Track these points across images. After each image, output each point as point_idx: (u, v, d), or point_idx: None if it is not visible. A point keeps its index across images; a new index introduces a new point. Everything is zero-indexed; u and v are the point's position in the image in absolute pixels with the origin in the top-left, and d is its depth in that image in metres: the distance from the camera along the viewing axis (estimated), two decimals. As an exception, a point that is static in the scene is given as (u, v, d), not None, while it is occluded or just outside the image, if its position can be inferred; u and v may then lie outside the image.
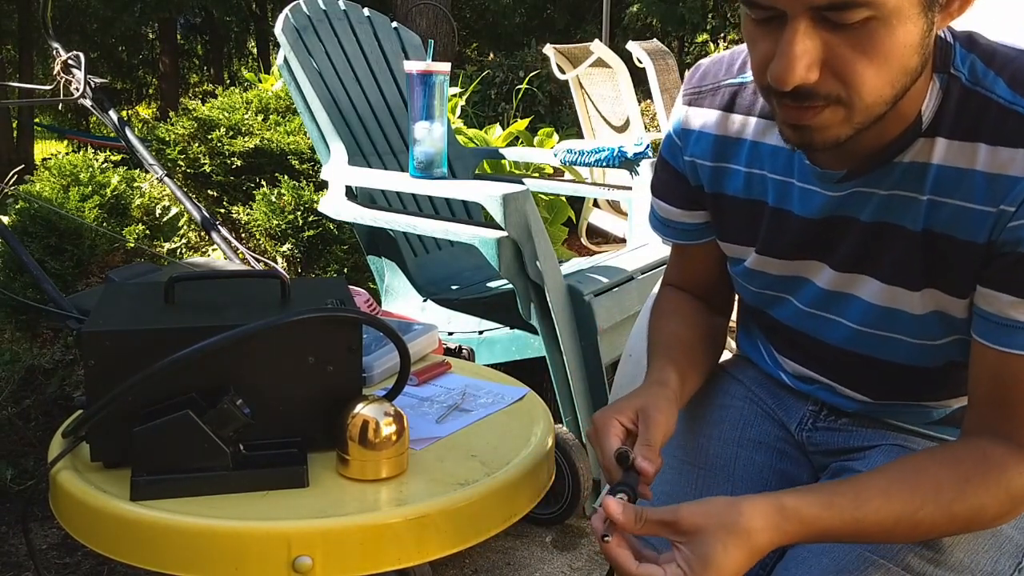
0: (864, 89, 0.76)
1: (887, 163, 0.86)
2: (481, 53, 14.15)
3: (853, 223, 0.91)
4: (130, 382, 0.89)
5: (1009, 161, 0.79)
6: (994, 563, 0.89)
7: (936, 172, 0.83)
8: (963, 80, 0.82)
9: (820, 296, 0.97)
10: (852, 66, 0.75)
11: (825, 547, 0.91)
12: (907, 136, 0.84)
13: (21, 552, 1.94)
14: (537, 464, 1.04)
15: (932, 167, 0.84)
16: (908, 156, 0.85)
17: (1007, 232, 0.80)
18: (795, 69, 0.74)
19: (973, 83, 0.82)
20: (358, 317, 0.99)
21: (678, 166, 1.07)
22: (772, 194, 0.97)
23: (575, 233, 4.50)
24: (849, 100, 0.77)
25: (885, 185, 0.87)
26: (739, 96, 1.00)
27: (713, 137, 1.02)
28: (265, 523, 0.87)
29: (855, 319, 0.95)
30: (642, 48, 4.81)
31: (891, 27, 0.73)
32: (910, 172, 0.85)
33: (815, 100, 0.77)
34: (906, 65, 0.76)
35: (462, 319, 2.23)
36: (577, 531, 2.08)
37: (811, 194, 0.93)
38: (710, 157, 1.03)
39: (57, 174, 3.01)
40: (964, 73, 0.82)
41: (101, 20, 11.32)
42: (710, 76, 1.04)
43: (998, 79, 0.81)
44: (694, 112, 1.04)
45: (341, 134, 2.32)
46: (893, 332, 0.93)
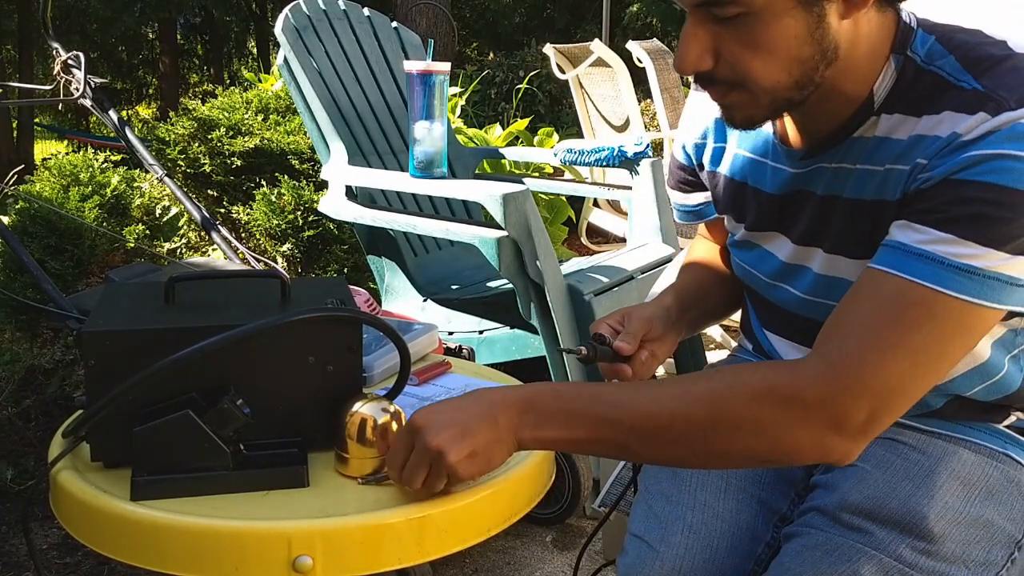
0: (756, 77, 0.82)
1: (842, 141, 0.90)
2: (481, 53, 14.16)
3: (810, 197, 0.96)
4: (130, 382, 0.89)
5: (937, 124, 0.82)
6: (986, 553, 0.89)
7: (876, 143, 0.88)
8: (918, 60, 0.86)
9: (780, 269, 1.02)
10: (738, 57, 0.81)
11: (818, 540, 0.91)
12: (860, 115, 0.88)
13: (21, 552, 1.94)
14: (537, 464, 1.04)
15: (875, 139, 0.88)
16: (859, 132, 0.89)
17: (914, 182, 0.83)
18: (686, 57, 0.83)
19: (927, 63, 0.85)
20: (358, 317, 0.99)
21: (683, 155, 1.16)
22: (752, 174, 1.04)
23: (575, 233, 4.49)
24: (745, 86, 0.83)
25: (836, 159, 0.92)
26: None
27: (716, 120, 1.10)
28: (265, 523, 0.87)
29: (802, 288, 1.00)
30: (642, 48, 4.80)
31: (766, 23, 0.79)
32: (855, 146, 0.90)
33: (716, 84, 0.85)
34: (797, 56, 0.81)
35: (462, 319, 2.23)
36: (577, 531, 2.08)
37: (779, 172, 0.99)
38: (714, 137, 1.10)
39: (57, 174, 3.01)
40: (919, 54, 0.86)
41: (101, 20, 11.32)
42: None
43: (950, 57, 0.84)
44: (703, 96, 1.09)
45: (341, 134, 2.32)
46: (828, 298, 0.95)
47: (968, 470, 0.94)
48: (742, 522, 1.02)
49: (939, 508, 0.90)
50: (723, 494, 1.04)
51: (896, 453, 0.97)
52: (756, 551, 1.01)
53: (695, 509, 1.02)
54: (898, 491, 0.92)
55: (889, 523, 0.90)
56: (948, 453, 0.96)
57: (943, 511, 0.90)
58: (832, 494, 0.95)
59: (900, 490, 0.92)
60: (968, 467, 0.94)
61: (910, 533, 0.89)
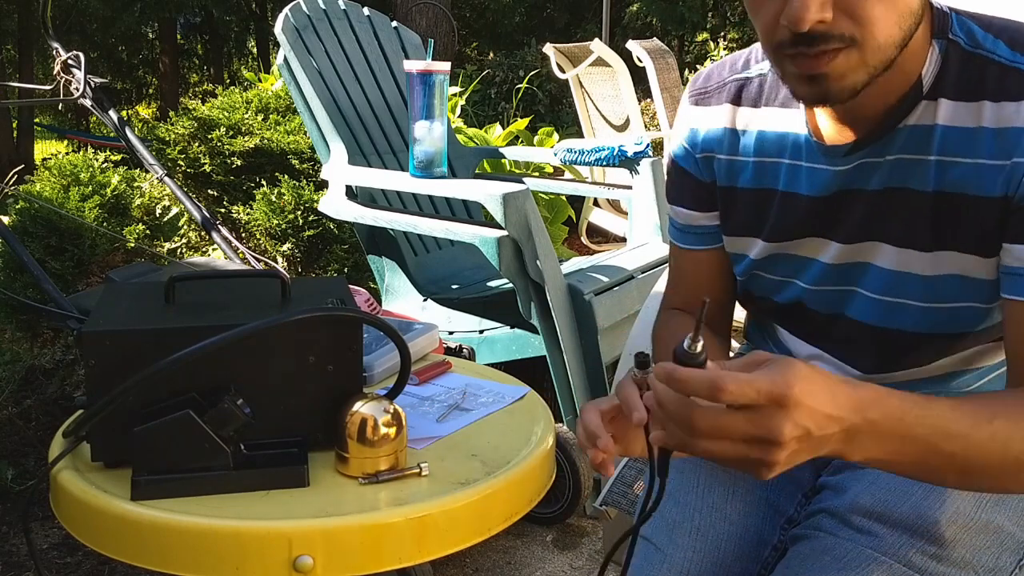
0: (876, 27, 0.78)
1: (891, 129, 0.88)
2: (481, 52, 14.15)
3: (860, 194, 0.92)
4: (131, 382, 0.89)
5: (1014, 114, 0.81)
6: (996, 559, 0.89)
7: (942, 133, 0.86)
8: (962, 44, 0.85)
9: (828, 272, 0.98)
10: (862, 3, 0.78)
11: (827, 544, 0.91)
12: (909, 100, 0.87)
13: (22, 552, 1.94)
14: (538, 463, 1.04)
15: (938, 128, 0.86)
16: (912, 119, 0.87)
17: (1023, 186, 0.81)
18: (810, 5, 0.76)
19: (973, 47, 0.85)
20: (358, 316, 0.99)
21: (690, 167, 1.08)
22: (783, 179, 0.99)
23: (575, 232, 4.50)
24: (863, 40, 0.79)
25: (891, 151, 0.89)
26: (745, 89, 1.02)
27: (724, 130, 1.04)
28: (266, 523, 0.87)
29: (871, 287, 0.96)
30: (642, 47, 4.80)
31: None
32: (915, 135, 0.87)
33: (830, 42, 0.79)
34: (909, 3, 0.80)
35: (462, 318, 2.23)
36: (578, 530, 2.08)
37: (819, 172, 0.95)
38: (725, 150, 1.05)
39: (57, 174, 3.01)
40: (962, 38, 0.85)
41: (101, 20, 11.32)
42: (715, 76, 1.06)
43: (998, 41, 0.84)
44: (702, 111, 1.05)
45: (341, 133, 2.32)
46: (903, 297, 0.93)
47: None
48: (750, 525, 1.02)
49: (950, 513, 0.90)
50: (731, 496, 1.03)
51: None
52: (763, 554, 1.01)
53: (702, 511, 1.01)
54: (909, 495, 0.92)
55: (899, 527, 0.89)
56: None
57: (954, 516, 0.90)
58: (842, 496, 0.95)
59: (911, 494, 0.92)
60: None
61: (920, 537, 0.88)
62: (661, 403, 0.68)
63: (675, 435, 0.68)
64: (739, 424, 0.65)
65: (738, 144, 1.03)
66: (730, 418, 0.65)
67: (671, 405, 0.67)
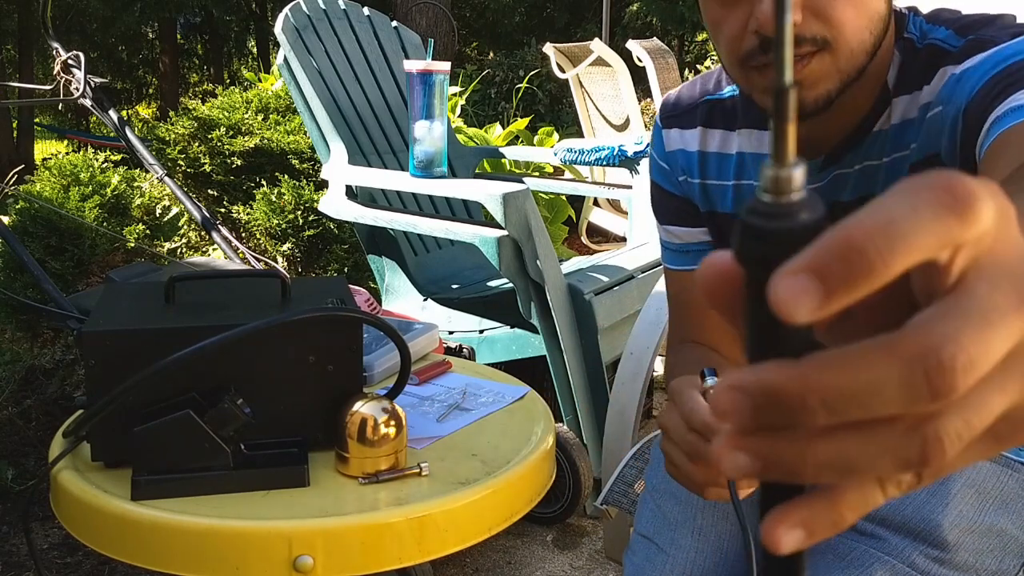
0: (847, 29, 0.78)
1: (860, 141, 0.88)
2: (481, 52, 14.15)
3: (837, 206, 0.92)
4: (131, 382, 0.89)
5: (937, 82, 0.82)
6: (999, 563, 0.89)
7: (894, 132, 0.86)
8: (915, 40, 0.86)
9: None
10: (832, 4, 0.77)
11: (831, 544, 0.91)
12: (878, 107, 0.87)
13: (22, 552, 1.94)
14: (538, 463, 1.04)
15: (891, 129, 0.86)
16: (877, 126, 0.87)
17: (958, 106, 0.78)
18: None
19: (922, 39, 0.86)
20: (358, 316, 0.99)
21: (673, 188, 1.07)
22: None
23: (575, 232, 4.50)
24: (834, 41, 0.78)
25: (858, 160, 0.89)
26: (716, 111, 1.01)
27: (697, 154, 1.02)
28: (266, 522, 0.87)
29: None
30: (642, 47, 4.80)
31: None
32: (876, 140, 0.88)
33: (801, 46, 0.78)
34: (878, 8, 0.79)
35: (462, 318, 2.23)
36: (578, 530, 2.08)
37: None
38: (696, 174, 1.03)
39: (57, 174, 3.01)
40: (915, 35, 0.86)
41: (101, 20, 11.31)
42: (685, 98, 1.04)
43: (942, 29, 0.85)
44: (675, 134, 1.04)
45: (341, 133, 2.32)
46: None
47: (983, 478, 0.94)
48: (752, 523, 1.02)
49: (953, 516, 0.90)
50: None
51: None
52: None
53: (705, 510, 1.01)
54: (913, 498, 0.92)
55: (903, 530, 0.89)
56: None
57: (957, 519, 0.90)
58: None
59: (915, 497, 0.92)
60: (984, 475, 0.94)
61: (924, 540, 0.88)
62: (833, 392, 0.28)
63: (889, 449, 0.29)
64: (1006, 304, 0.26)
65: (712, 167, 1.01)
66: (987, 303, 0.26)
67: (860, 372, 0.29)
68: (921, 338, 0.25)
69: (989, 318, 0.26)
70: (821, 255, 0.26)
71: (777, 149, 0.28)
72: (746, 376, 0.27)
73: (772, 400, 0.26)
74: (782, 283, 0.26)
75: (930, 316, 0.26)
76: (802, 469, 0.28)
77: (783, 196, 0.28)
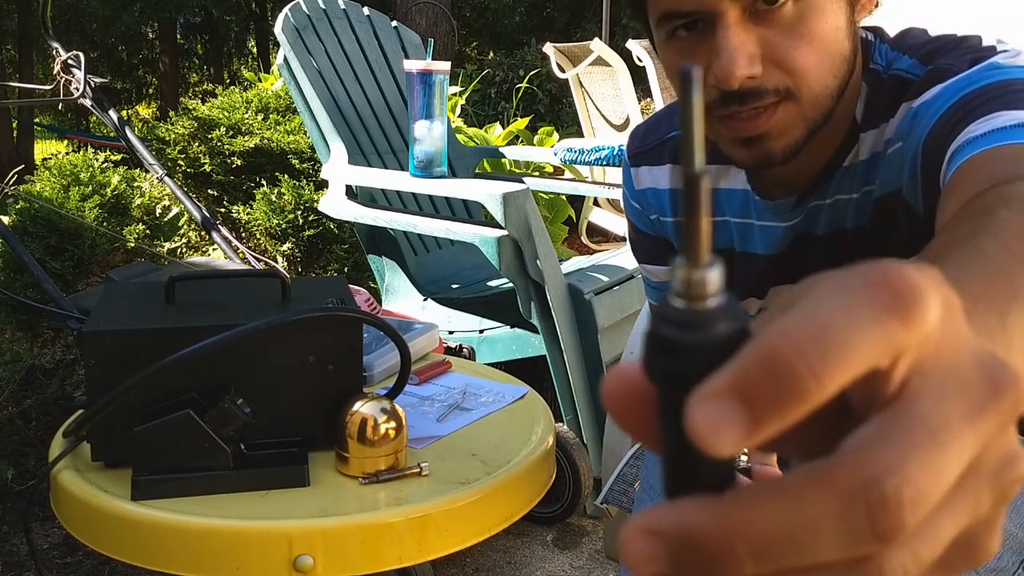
0: (809, 76, 0.75)
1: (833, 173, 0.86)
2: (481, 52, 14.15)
3: (812, 239, 0.90)
4: (131, 382, 0.89)
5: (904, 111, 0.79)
6: (997, 560, 0.89)
7: (863, 168, 0.84)
8: (880, 70, 0.83)
9: None
10: (792, 53, 0.74)
11: None
12: (848, 143, 0.84)
13: (22, 552, 1.94)
14: (538, 463, 1.04)
15: (860, 165, 0.84)
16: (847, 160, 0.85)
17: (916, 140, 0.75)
18: (738, 60, 0.72)
19: (887, 69, 0.83)
20: (359, 316, 1.00)
21: (647, 228, 1.06)
22: (736, 238, 0.97)
23: (575, 232, 4.49)
24: (798, 90, 0.76)
25: (830, 193, 0.87)
26: None
27: (668, 191, 1.01)
28: (266, 522, 0.87)
29: None
30: (642, 47, 4.80)
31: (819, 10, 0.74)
32: (847, 175, 0.85)
33: (764, 98, 0.75)
34: (841, 51, 0.77)
35: (462, 318, 2.23)
36: (578, 530, 2.08)
37: (770, 230, 0.92)
38: (670, 212, 1.02)
39: (57, 174, 3.01)
40: (880, 64, 0.84)
41: (101, 20, 11.32)
42: (652, 134, 1.02)
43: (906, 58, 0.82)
44: (644, 171, 1.03)
45: (341, 133, 2.32)
46: None
47: None
48: None
49: None
50: None
51: None
52: None
53: None
54: None
55: None
56: None
57: None
58: None
59: None
60: None
61: None
62: (757, 536, 0.23)
63: None
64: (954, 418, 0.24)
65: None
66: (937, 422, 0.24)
67: (789, 514, 0.24)
68: (861, 467, 0.22)
69: (938, 439, 0.23)
70: (744, 374, 0.22)
71: (689, 246, 0.24)
72: (663, 516, 0.23)
73: (692, 546, 0.22)
74: (699, 409, 0.22)
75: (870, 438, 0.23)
76: None
77: (698, 302, 0.24)
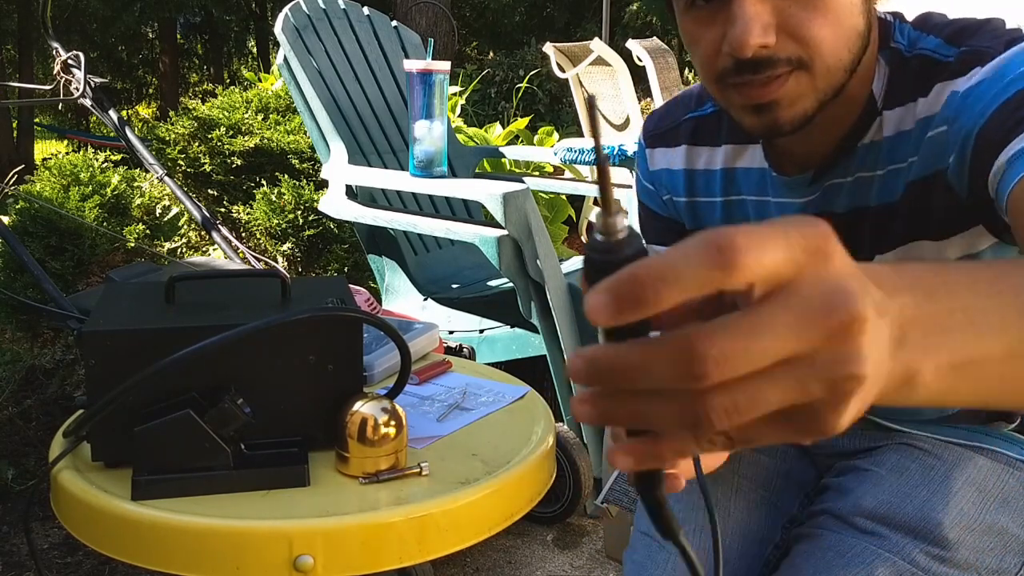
0: (823, 48, 0.76)
1: (850, 151, 0.87)
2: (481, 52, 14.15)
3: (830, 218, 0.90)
4: (131, 382, 0.89)
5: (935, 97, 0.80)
6: (1000, 561, 0.89)
7: (888, 146, 0.85)
8: (902, 50, 0.84)
9: None
10: (806, 24, 0.75)
11: (831, 541, 0.91)
12: (864, 119, 0.85)
13: (23, 552, 1.94)
14: (538, 463, 1.04)
15: (884, 142, 0.85)
16: (867, 138, 0.86)
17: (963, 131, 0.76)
18: (752, 29, 0.73)
19: (911, 49, 0.84)
20: (359, 316, 0.99)
21: (659, 208, 1.07)
22: (753, 216, 0.97)
23: (575, 231, 4.49)
24: (810, 61, 0.76)
25: (851, 171, 0.88)
26: (701, 128, 1.00)
27: (683, 172, 1.02)
28: (266, 522, 0.87)
29: None
30: (642, 46, 4.80)
31: None
32: (870, 152, 0.86)
33: (777, 67, 0.76)
34: (855, 25, 0.77)
35: (463, 318, 2.23)
36: (578, 529, 2.08)
37: (787, 207, 0.93)
38: (683, 192, 1.02)
39: (57, 174, 3.01)
40: (903, 43, 0.84)
41: (101, 20, 11.32)
42: (668, 116, 1.03)
43: (931, 38, 0.83)
44: (659, 152, 1.03)
45: (341, 133, 2.32)
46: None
47: (984, 477, 0.94)
48: (752, 522, 1.02)
49: (954, 514, 0.90)
50: (734, 494, 1.03)
51: (912, 459, 0.96)
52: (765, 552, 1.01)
53: (704, 509, 1.01)
54: (913, 496, 0.92)
55: (903, 528, 0.89)
56: (964, 459, 0.95)
57: (958, 517, 0.90)
58: (845, 498, 0.95)
59: (915, 495, 0.92)
60: (984, 474, 0.94)
61: (924, 539, 0.88)
62: (617, 369, 0.36)
63: (666, 413, 0.36)
64: (779, 321, 0.34)
65: (700, 184, 1.01)
66: (758, 319, 0.34)
67: (634, 353, 0.35)
68: (694, 335, 0.34)
69: (755, 330, 0.34)
70: (617, 283, 0.35)
71: (604, 201, 0.38)
72: (586, 350, 0.37)
73: (594, 368, 0.36)
74: (589, 298, 0.35)
75: (713, 323, 0.35)
76: (618, 420, 0.38)
77: (611, 236, 0.37)
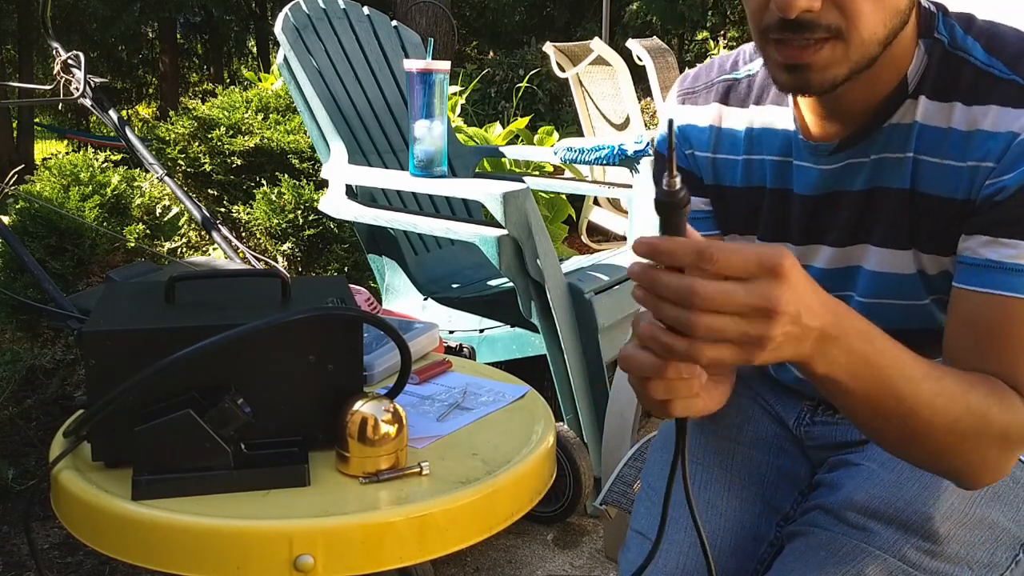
0: (862, 22, 0.79)
1: (877, 129, 0.88)
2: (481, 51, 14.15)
3: (846, 195, 0.93)
4: (131, 382, 0.89)
5: (982, 118, 0.83)
6: (991, 555, 0.89)
7: (919, 130, 0.87)
8: (945, 44, 0.86)
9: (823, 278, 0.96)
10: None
11: (822, 539, 0.91)
12: (895, 99, 0.87)
13: (23, 551, 1.94)
14: (538, 462, 1.04)
15: (916, 125, 0.87)
16: (896, 118, 0.88)
17: (985, 188, 0.82)
18: None
19: (953, 46, 0.86)
20: (359, 316, 1.00)
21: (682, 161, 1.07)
22: (770, 177, 0.99)
23: (575, 231, 4.49)
24: (848, 33, 0.79)
25: (874, 150, 0.89)
26: (733, 90, 1.02)
27: (710, 129, 1.04)
28: (267, 522, 0.87)
29: (862, 291, 0.96)
30: (642, 46, 4.80)
31: None
32: (896, 133, 0.88)
33: (816, 31, 0.79)
34: (896, 5, 0.80)
35: (463, 317, 2.23)
36: (578, 529, 2.08)
37: (807, 171, 0.95)
38: (708, 148, 1.04)
39: (57, 174, 3.01)
40: (946, 37, 0.87)
41: (101, 19, 11.31)
42: (703, 76, 1.06)
43: (975, 43, 0.85)
44: (689, 109, 1.05)
45: (341, 133, 2.32)
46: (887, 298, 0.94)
47: None
48: (745, 521, 1.02)
49: (944, 509, 0.90)
50: (727, 492, 1.03)
51: None
52: (759, 550, 1.01)
53: (698, 507, 1.02)
54: (903, 491, 0.92)
55: (894, 523, 0.90)
56: None
57: (948, 512, 0.90)
58: (836, 493, 0.95)
59: (906, 490, 0.92)
60: None
61: (915, 533, 0.89)
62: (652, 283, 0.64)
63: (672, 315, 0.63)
64: (738, 293, 0.62)
65: (725, 142, 1.03)
66: (729, 285, 0.62)
67: (664, 279, 0.63)
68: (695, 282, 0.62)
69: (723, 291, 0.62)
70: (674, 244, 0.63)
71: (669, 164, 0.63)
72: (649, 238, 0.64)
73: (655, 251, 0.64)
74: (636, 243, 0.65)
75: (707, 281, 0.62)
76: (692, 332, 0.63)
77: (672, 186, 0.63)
